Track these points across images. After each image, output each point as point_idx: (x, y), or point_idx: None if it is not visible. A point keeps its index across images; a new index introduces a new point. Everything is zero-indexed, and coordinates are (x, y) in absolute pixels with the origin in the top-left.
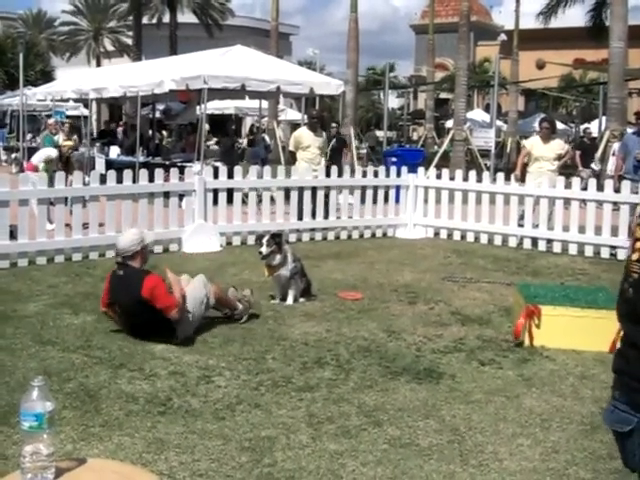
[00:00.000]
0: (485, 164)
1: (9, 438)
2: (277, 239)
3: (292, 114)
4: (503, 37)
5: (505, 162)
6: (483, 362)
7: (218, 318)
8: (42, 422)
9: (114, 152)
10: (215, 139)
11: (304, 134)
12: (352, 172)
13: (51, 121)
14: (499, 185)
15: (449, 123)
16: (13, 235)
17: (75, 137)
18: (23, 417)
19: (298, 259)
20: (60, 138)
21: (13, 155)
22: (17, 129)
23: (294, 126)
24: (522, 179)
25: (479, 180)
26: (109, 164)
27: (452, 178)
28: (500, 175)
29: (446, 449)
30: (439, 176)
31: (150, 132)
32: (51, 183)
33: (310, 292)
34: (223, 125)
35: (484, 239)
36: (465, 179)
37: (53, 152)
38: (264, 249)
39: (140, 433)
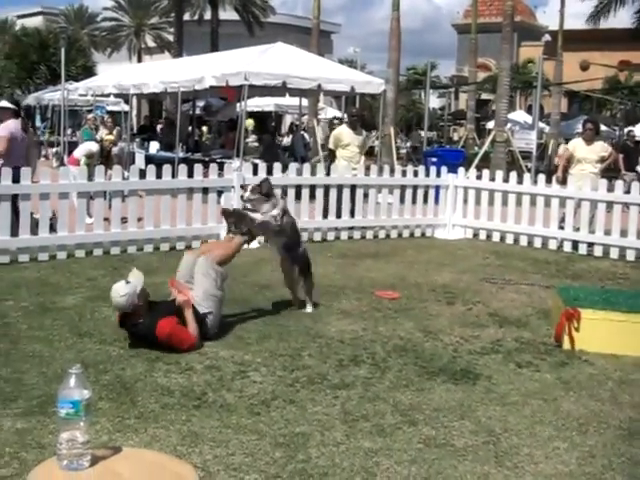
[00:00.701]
0: (526, 166)
1: (45, 427)
2: (266, 186)
3: (332, 112)
4: (547, 38)
5: (546, 164)
6: (520, 364)
7: (253, 314)
8: (79, 409)
9: (154, 147)
10: (254, 136)
11: (344, 132)
12: (392, 171)
13: (90, 116)
14: (540, 187)
15: (490, 124)
16: (53, 228)
17: (116, 132)
18: (60, 404)
19: (291, 219)
20: (102, 133)
21: (54, 149)
22: (57, 124)
23: (333, 124)
24: (564, 181)
25: (520, 181)
26: (148, 159)
27: (492, 179)
28: (541, 177)
29: (481, 450)
30: (479, 177)
31: (190, 128)
32: (91, 177)
33: (310, 272)
34: (263, 122)
35: (524, 241)
36: (505, 180)
37: (94, 146)
38: (247, 193)
39: (175, 426)
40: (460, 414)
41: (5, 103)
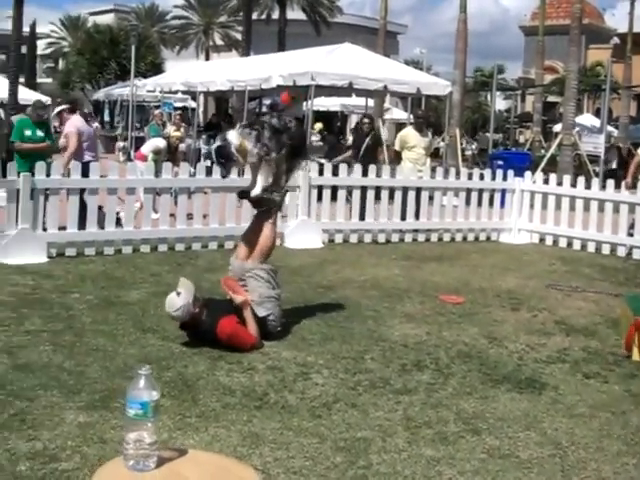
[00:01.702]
0: (594, 170)
1: (107, 422)
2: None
3: (398, 113)
4: (616, 40)
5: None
6: (588, 375)
7: (316, 316)
8: (147, 410)
9: None
10: (319, 135)
11: (410, 134)
12: (457, 174)
13: (157, 112)
14: (609, 192)
15: (557, 127)
16: (119, 222)
17: (183, 129)
18: (129, 404)
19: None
20: (170, 129)
21: (121, 144)
22: (125, 119)
23: (398, 126)
24: (633, 187)
25: (588, 187)
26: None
27: (559, 183)
28: (610, 182)
29: (547, 463)
30: (546, 181)
31: None
32: (158, 173)
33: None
34: (329, 122)
35: (591, 247)
36: (573, 185)
37: (162, 143)
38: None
39: (236, 426)
40: (525, 424)
41: (64, 105)
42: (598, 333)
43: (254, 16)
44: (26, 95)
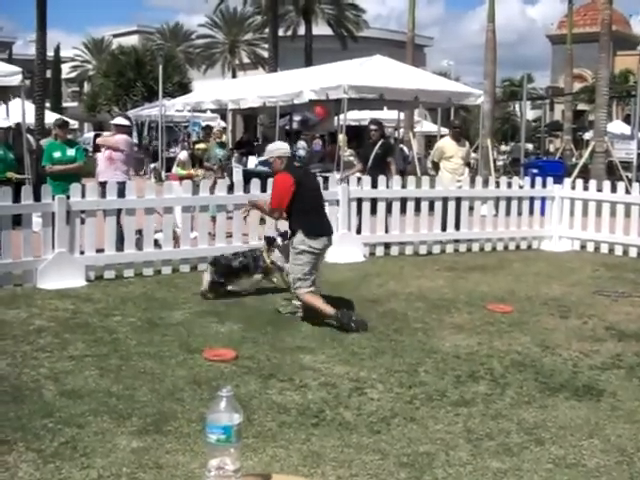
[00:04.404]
0: (627, 176)
1: (162, 447)
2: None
3: (427, 126)
4: None
5: None
6: None
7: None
8: (230, 435)
9: (252, 162)
10: (350, 150)
11: (447, 144)
12: (496, 184)
13: (216, 129)
14: None
15: (587, 135)
16: (157, 243)
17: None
18: (209, 429)
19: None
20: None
21: (152, 165)
22: (155, 139)
23: (428, 138)
24: None
25: (628, 192)
26: (247, 174)
27: (599, 190)
28: None
29: (614, 470)
30: (586, 188)
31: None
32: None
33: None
34: (359, 136)
35: (633, 252)
36: (613, 191)
37: (183, 155)
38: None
39: (294, 445)
40: (588, 432)
41: (120, 120)
42: None
43: (280, 33)
44: (53, 120)
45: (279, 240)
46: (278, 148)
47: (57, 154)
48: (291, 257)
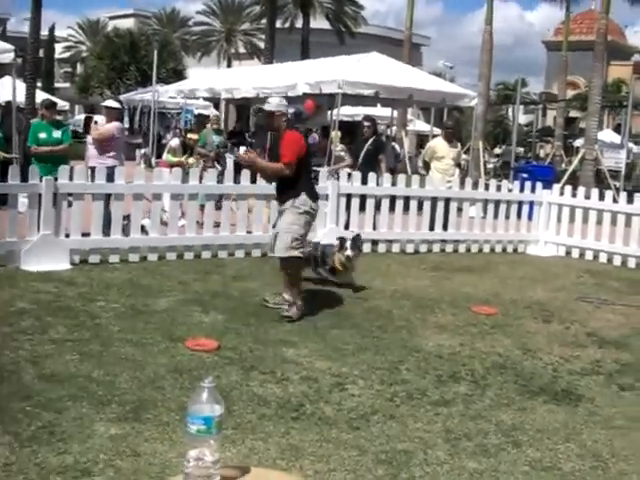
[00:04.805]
0: (614, 185)
1: (140, 434)
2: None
3: (420, 125)
4: (637, 58)
5: (634, 184)
6: (623, 387)
7: (349, 326)
8: (211, 426)
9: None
10: (342, 145)
11: (439, 144)
12: (486, 186)
13: (212, 115)
14: (637, 206)
15: (577, 142)
16: (144, 229)
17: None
18: (191, 420)
19: None
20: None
21: (142, 151)
22: (146, 125)
23: (420, 137)
24: None
25: (615, 200)
26: (237, 164)
27: (587, 197)
28: (638, 196)
29: (589, 475)
30: (574, 194)
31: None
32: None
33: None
34: (352, 132)
35: (617, 261)
36: (600, 199)
37: (174, 142)
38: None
39: (273, 438)
40: (565, 436)
41: (111, 102)
42: (630, 346)
43: (277, 24)
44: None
45: (349, 250)
46: (284, 104)
47: (43, 135)
48: (291, 217)
